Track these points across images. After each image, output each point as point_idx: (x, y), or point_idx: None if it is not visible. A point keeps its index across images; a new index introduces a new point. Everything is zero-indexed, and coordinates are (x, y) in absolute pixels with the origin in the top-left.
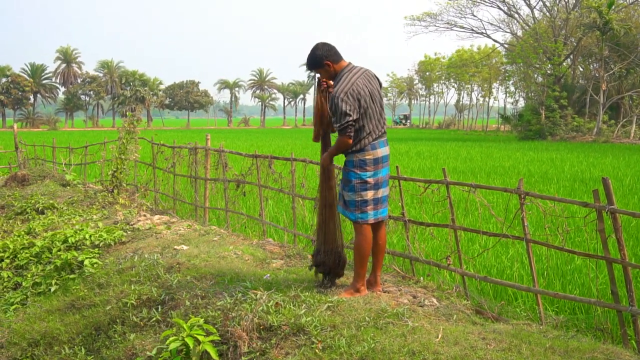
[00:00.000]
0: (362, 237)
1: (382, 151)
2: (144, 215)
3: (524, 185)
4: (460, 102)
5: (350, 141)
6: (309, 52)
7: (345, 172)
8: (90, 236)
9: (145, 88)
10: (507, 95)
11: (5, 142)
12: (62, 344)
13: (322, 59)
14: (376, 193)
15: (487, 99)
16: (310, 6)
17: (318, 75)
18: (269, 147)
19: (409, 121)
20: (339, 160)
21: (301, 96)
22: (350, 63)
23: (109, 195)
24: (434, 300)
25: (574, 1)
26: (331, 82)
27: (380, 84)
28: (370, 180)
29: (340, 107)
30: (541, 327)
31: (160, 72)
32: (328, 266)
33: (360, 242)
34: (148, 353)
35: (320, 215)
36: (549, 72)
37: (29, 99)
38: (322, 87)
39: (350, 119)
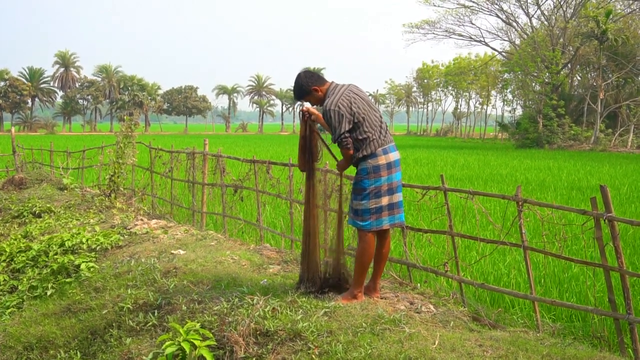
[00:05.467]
0: (366, 245)
1: (394, 155)
2: (141, 220)
3: (521, 193)
4: (458, 110)
5: (351, 152)
6: (293, 84)
7: (358, 181)
8: (87, 240)
9: (144, 93)
10: (505, 103)
11: (3, 145)
12: (57, 347)
13: (309, 86)
14: (391, 198)
15: (484, 106)
16: (312, 9)
17: (307, 103)
18: (266, 152)
19: None
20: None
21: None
22: (333, 82)
23: (106, 199)
24: (431, 306)
25: (572, 10)
26: (313, 110)
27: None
28: (385, 186)
29: (333, 118)
30: (538, 335)
31: (158, 77)
32: (315, 292)
33: (363, 250)
34: (144, 357)
35: (304, 243)
36: (546, 80)
37: (27, 102)
38: (305, 117)
39: (343, 132)
